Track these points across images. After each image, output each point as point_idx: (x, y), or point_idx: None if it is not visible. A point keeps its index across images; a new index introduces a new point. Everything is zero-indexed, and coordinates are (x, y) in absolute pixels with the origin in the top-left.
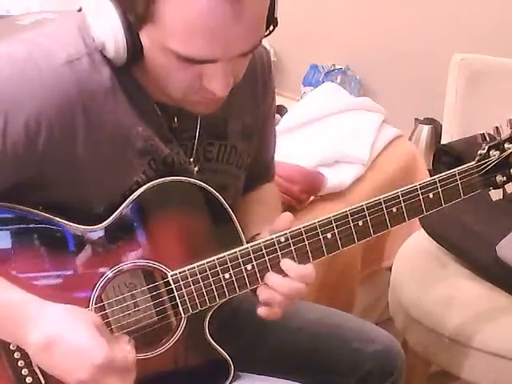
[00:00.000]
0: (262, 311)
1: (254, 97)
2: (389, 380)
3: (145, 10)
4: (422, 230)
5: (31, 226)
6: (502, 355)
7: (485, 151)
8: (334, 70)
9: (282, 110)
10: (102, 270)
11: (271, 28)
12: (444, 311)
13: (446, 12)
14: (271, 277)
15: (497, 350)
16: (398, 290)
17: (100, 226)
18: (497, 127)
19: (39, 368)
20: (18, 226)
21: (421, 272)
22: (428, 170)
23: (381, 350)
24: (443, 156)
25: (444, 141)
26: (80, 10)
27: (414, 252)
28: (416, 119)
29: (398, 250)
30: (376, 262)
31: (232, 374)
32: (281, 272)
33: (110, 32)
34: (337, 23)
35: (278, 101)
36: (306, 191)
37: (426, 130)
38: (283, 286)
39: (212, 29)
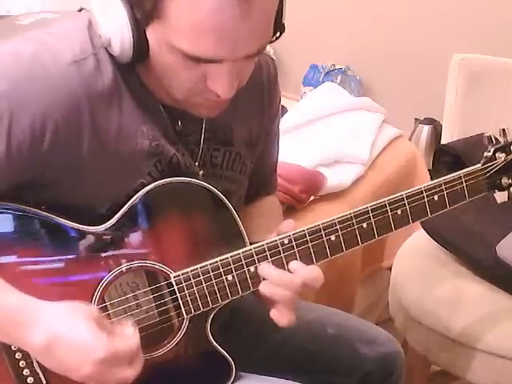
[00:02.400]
0: (273, 314)
1: (260, 105)
2: (389, 380)
3: (152, 7)
4: (422, 229)
5: (32, 225)
6: (502, 355)
7: (491, 153)
8: (333, 70)
9: (282, 110)
10: (104, 270)
11: (278, 34)
12: (444, 311)
13: (446, 12)
14: (270, 270)
15: (497, 350)
16: (398, 289)
17: (103, 226)
18: (503, 129)
19: (40, 368)
20: (19, 225)
21: (421, 272)
22: (428, 169)
23: (381, 350)
24: (443, 156)
25: (444, 141)
26: (80, 10)
27: (413, 252)
28: (416, 119)
29: (397, 250)
30: (376, 261)
31: (234, 375)
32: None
33: (117, 28)
34: (337, 23)
35: None
36: (306, 191)
37: (426, 130)
38: (282, 279)
39: (219, 28)
